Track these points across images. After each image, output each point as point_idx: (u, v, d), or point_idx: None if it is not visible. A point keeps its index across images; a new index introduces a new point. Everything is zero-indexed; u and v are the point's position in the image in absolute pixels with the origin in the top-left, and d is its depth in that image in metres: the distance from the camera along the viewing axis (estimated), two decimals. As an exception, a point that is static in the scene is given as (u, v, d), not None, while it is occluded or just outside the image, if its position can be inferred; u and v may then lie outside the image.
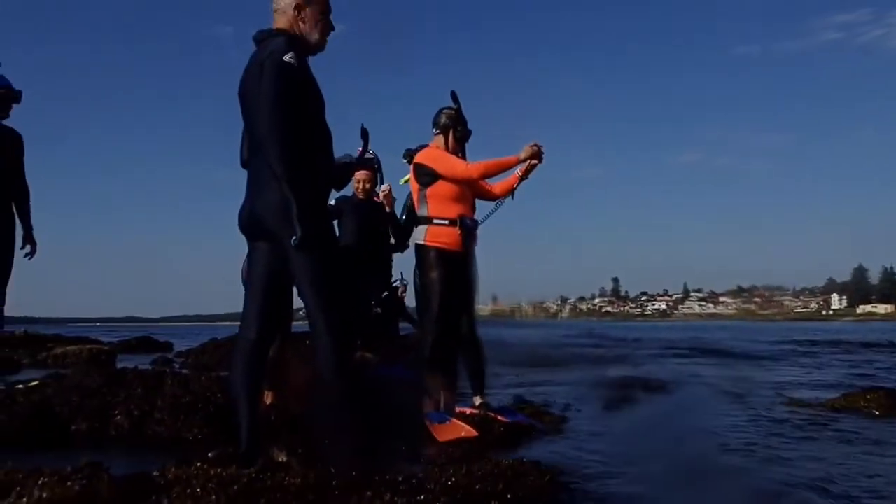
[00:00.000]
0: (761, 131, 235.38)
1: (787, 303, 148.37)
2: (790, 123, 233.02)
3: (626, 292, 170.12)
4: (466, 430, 3.76)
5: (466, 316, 4.29)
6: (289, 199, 2.49)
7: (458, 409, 4.12)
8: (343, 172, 3.14)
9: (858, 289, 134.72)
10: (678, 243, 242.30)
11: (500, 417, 4.03)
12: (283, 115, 2.55)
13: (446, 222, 4.08)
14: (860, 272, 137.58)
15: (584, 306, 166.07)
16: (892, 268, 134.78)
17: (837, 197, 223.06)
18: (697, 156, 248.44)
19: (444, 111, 4.26)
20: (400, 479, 2.18)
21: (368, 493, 2.07)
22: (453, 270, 4.08)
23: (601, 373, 8.14)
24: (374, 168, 5.23)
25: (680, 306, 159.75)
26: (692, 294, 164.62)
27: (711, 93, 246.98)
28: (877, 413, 5.08)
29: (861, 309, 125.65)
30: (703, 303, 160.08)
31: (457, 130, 4.21)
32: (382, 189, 5.29)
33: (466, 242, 4.12)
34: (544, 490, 2.56)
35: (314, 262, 2.61)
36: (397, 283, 5.80)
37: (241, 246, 2.97)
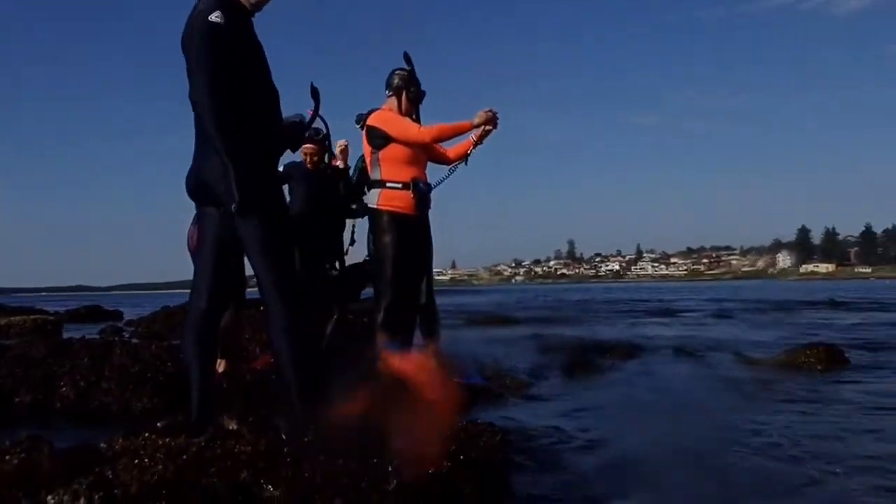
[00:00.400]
0: (717, 94, 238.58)
1: (734, 262, 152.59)
2: (743, 86, 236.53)
3: (581, 254, 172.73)
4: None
5: (425, 280, 4.27)
6: (226, 165, 2.43)
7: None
8: (294, 133, 3.06)
9: (802, 248, 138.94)
10: (633, 204, 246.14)
11: (454, 379, 4.04)
12: (211, 77, 2.46)
13: (399, 186, 4.03)
14: (804, 233, 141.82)
15: (539, 269, 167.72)
16: (833, 228, 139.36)
17: (784, 160, 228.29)
18: (656, 118, 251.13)
19: (397, 72, 4.18)
20: (353, 443, 2.17)
21: (322, 457, 2.06)
22: (407, 234, 4.05)
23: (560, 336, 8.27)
24: (321, 141, 5.12)
25: (633, 267, 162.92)
26: (645, 255, 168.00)
27: (670, 55, 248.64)
28: (819, 368, 5.27)
29: (804, 268, 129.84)
30: (656, 264, 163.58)
31: (409, 92, 4.13)
32: (339, 144, 5.21)
33: (420, 206, 4.07)
34: (496, 450, 2.58)
35: (260, 228, 2.56)
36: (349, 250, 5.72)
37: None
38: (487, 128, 4.08)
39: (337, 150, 5.22)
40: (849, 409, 3.90)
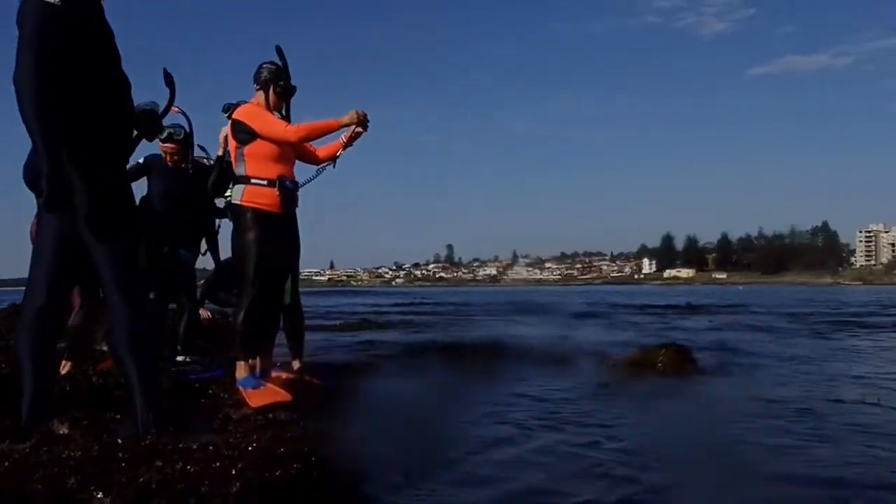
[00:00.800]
0: (592, 104, 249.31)
1: (604, 267, 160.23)
2: (615, 98, 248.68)
3: (460, 258, 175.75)
4: (281, 395, 3.69)
5: (291, 280, 4.19)
6: (40, 157, 2.27)
7: (274, 374, 4.03)
8: (147, 122, 2.92)
9: (666, 255, 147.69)
10: (510, 210, 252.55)
11: (315, 381, 4.00)
12: (37, 61, 2.28)
13: (264, 182, 3.91)
14: (668, 240, 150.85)
15: (418, 272, 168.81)
16: (694, 236, 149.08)
17: (650, 170, 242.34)
18: (530, 123, 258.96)
19: (265, 66, 4.07)
20: (194, 446, 2.09)
21: (158, 462, 1.97)
22: (271, 233, 3.94)
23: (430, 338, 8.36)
24: (183, 141, 4.93)
25: (509, 271, 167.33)
26: (520, 259, 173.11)
27: (549, 63, 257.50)
28: (661, 367, 5.61)
29: (668, 273, 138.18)
30: (530, 268, 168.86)
31: (277, 86, 4.04)
32: (222, 131, 5.06)
33: (286, 204, 3.97)
34: (350, 451, 2.57)
35: (100, 227, 2.42)
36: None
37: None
38: (357, 129, 4.03)
39: (220, 138, 5.03)
40: (684, 406, 4.22)
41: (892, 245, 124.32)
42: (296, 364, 4.25)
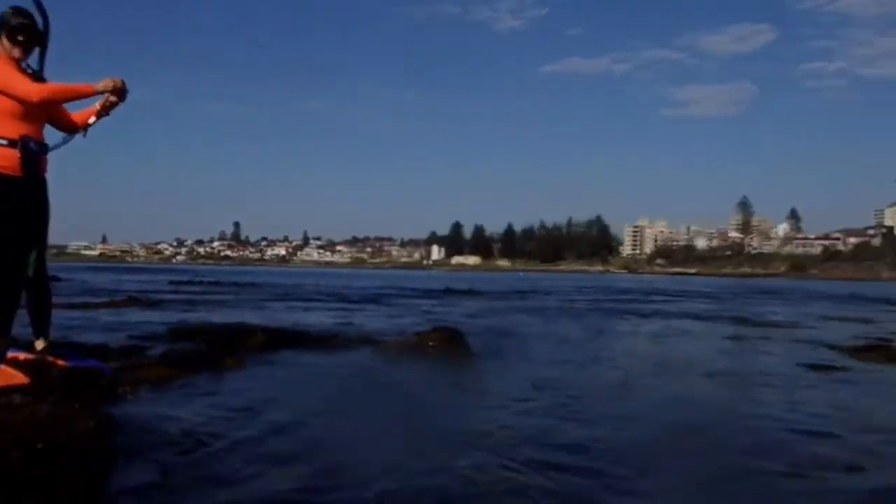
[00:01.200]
0: (384, 86, 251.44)
1: (394, 253, 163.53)
2: (411, 85, 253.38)
3: (247, 237, 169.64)
4: (17, 378, 3.35)
5: (36, 252, 3.79)
6: None
7: (10, 355, 3.64)
8: None
9: (454, 242, 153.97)
10: (301, 192, 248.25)
11: (59, 362, 3.67)
12: None
13: (5, 143, 3.52)
14: (457, 228, 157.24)
15: (202, 250, 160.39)
16: (482, 226, 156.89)
17: (442, 160, 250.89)
18: (322, 104, 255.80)
19: (9, 11, 3.63)
20: None
21: None
22: (12, 198, 3.55)
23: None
24: None
25: (299, 252, 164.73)
26: (312, 241, 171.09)
27: (345, 45, 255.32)
28: (434, 348, 5.86)
29: (455, 260, 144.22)
30: (322, 250, 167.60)
31: (28, 36, 3.62)
32: None
33: (29, 167, 3.58)
34: (93, 436, 2.41)
35: None
36: None
37: None
38: (112, 99, 3.75)
39: None
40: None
41: (655, 238, 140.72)
42: (39, 344, 3.86)
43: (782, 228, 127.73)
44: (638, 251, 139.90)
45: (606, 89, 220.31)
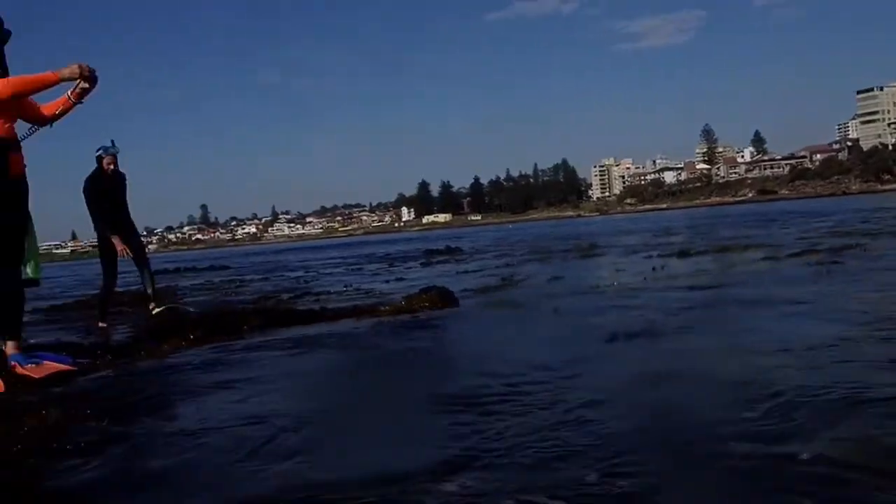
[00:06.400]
0: (330, 52, 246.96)
1: (364, 218, 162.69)
2: (356, 49, 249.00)
3: (216, 218, 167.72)
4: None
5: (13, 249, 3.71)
6: None
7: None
8: None
9: (423, 201, 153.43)
10: (265, 167, 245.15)
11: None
12: None
13: None
14: (424, 187, 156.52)
15: (173, 236, 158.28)
16: (448, 182, 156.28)
17: (402, 122, 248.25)
18: (276, 77, 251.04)
19: None
20: None
21: None
22: None
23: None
24: None
25: (270, 229, 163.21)
26: (281, 216, 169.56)
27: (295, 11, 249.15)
28: (429, 308, 5.84)
29: (426, 219, 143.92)
30: (292, 224, 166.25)
31: None
32: None
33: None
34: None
35: None
36: None
37: None
38: (84, 85, 3.65)
39: None
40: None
41: (622, 177, 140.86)
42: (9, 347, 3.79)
43: (749, 153, 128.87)
44: (607, 193, 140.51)
45: (557, 30, 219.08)
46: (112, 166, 5.95)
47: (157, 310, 5.64)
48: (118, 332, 5.98)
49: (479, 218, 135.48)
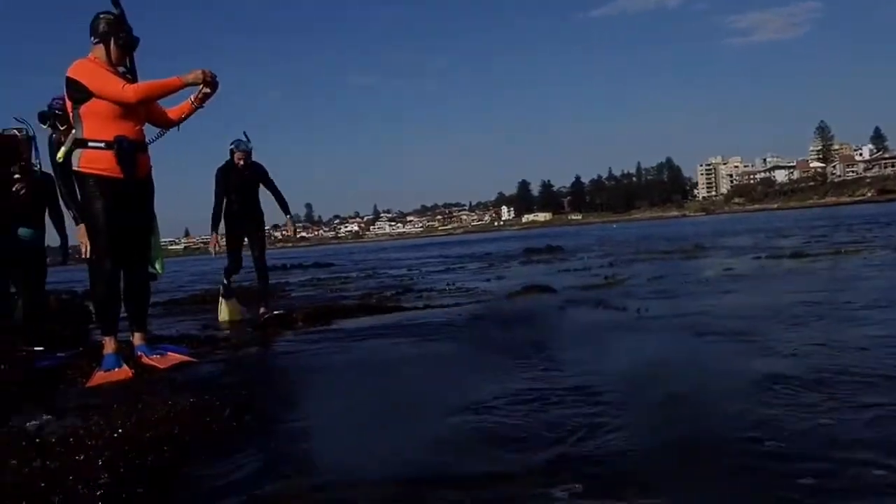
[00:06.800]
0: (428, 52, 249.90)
1: (464, 217, 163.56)
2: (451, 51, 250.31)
3: (320, 217, 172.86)
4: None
5: (137, 251, 3.91)
6: None
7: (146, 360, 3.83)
8: None
9: (523, 200, 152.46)
10: (368, 167, 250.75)
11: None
12: None
13: (102, 145, 3.59)
14: (524, 186, 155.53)
15: (278, 234, 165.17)
16: (549, 181, 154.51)
17: (504, 121, 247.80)
18: (374, 78, 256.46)
19: (102, 16, 3.68)
20: (53, 439, 1.90)
21: (13, 461, 1.78)
22: (112, 200, 3.64)
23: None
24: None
25: (372, 227, 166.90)
26: (382, 215, 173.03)
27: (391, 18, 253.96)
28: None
29: (526, 218, 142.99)
30: (393, 222, 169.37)
31: (119, 38, 3.67)
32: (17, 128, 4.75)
33: (126, 167, 3.65)
34: (230, 427, 2.46)
35: None
36: None
37: None
38: (206, 90, 3.76)
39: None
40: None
41: (730, 176, 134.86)
42: (137, 338, 3.98)
43: (867, 150, 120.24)
44: (714, 192, 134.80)
45: (662, 26, 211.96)
46: (242, 161, 5.94)
47: (266, 315, 5.72)
48: (231, 326, 6.23)
49: (579, 217, 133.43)
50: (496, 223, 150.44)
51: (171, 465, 1.98)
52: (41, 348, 4.23)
